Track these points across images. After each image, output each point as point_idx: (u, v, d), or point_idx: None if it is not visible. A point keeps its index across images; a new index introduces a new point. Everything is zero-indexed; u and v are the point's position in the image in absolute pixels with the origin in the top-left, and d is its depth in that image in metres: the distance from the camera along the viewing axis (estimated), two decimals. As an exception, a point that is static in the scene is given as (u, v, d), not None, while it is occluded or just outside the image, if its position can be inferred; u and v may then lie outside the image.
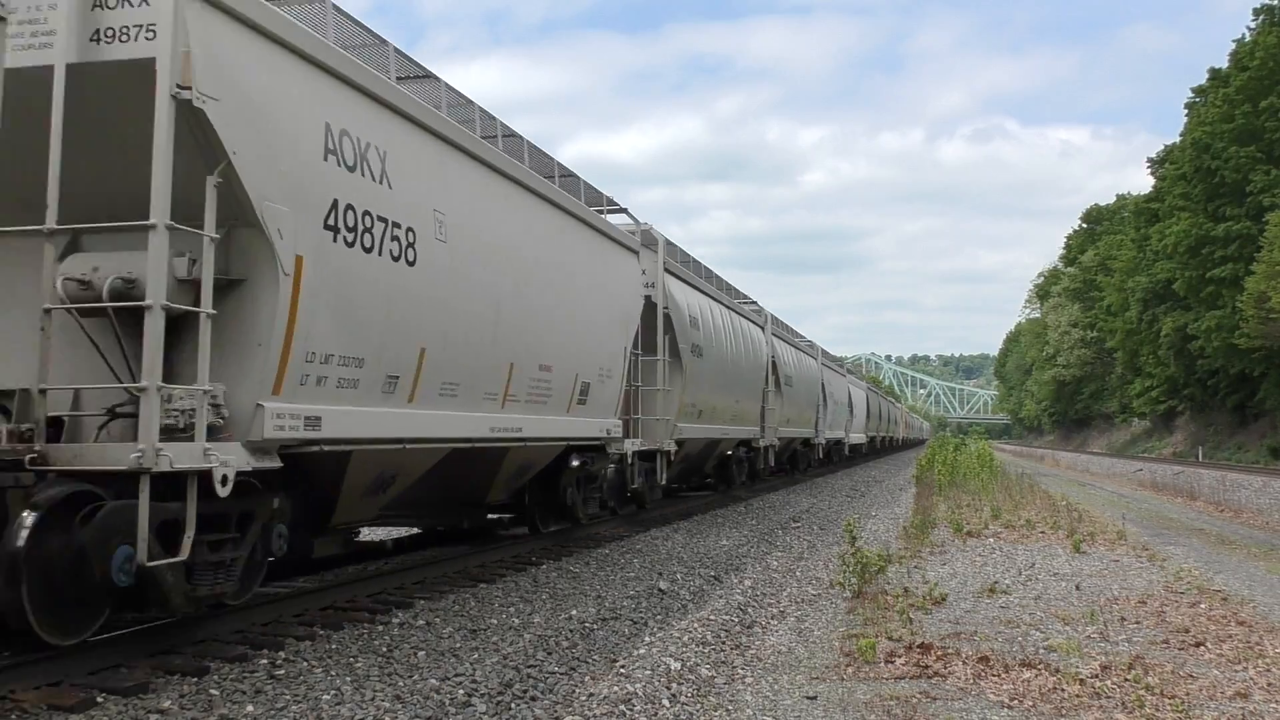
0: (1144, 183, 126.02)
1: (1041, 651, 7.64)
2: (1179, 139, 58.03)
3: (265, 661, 6.54)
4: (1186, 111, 57.15)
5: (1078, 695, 6.42)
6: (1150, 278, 58.90)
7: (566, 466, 12.57)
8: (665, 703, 6.14)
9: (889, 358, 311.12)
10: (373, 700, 5.83)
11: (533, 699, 6.08)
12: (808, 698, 6.44)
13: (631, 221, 14.99)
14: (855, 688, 6.64)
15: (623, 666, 6.89)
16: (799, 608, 9.60)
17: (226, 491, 6.15)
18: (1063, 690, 6.52)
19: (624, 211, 14.69)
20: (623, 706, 5.91)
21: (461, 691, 6.09)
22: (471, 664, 6.74)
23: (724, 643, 7.91)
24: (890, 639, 7.82)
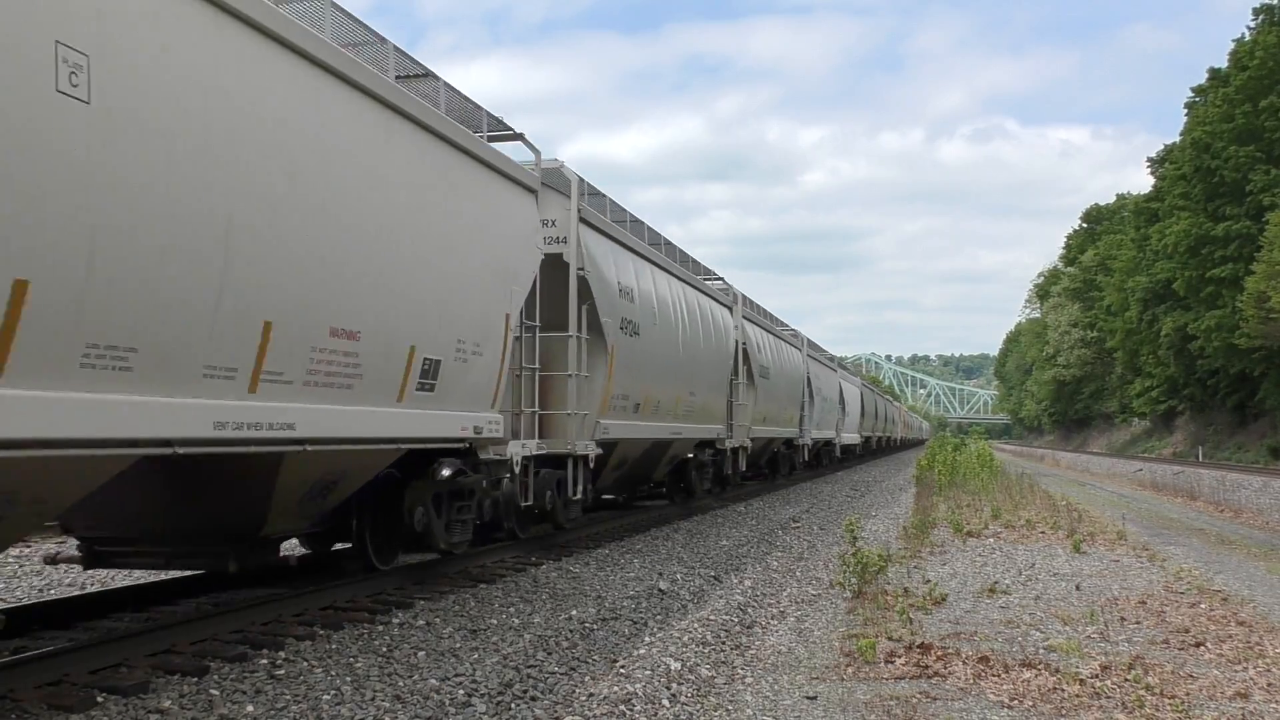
0: (1144, 182, 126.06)
1: (1041, 651, 7.64)
2: (1179, 139, 57.99)
3: (265, 661, 6.54)
4: (1186, 111, 57.11)
5: (1078, 695, 6.42)
6: (1150, 277, 58.87)
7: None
8: (665, 703, 6.14)
9: (889, 358, 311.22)
10: (373, 700, 5.83)
11: (533, 699, 6.08)
12: (808, 698, 6.44)
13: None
14: (855, 688, 6.64)
15: (623, 667, 6.89)
16: (799, 608, 9.60)
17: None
18: (1063, 690, 6.53)
19: (519, 138, 11.01)
20: (623, 707, 5.92)
21: (461, 691, 6.09)
22: (471, 664, 6.74)
23: (724, 643, 7.92)
24: (890, 639, 7.82)
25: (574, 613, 8.61)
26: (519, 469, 10.55)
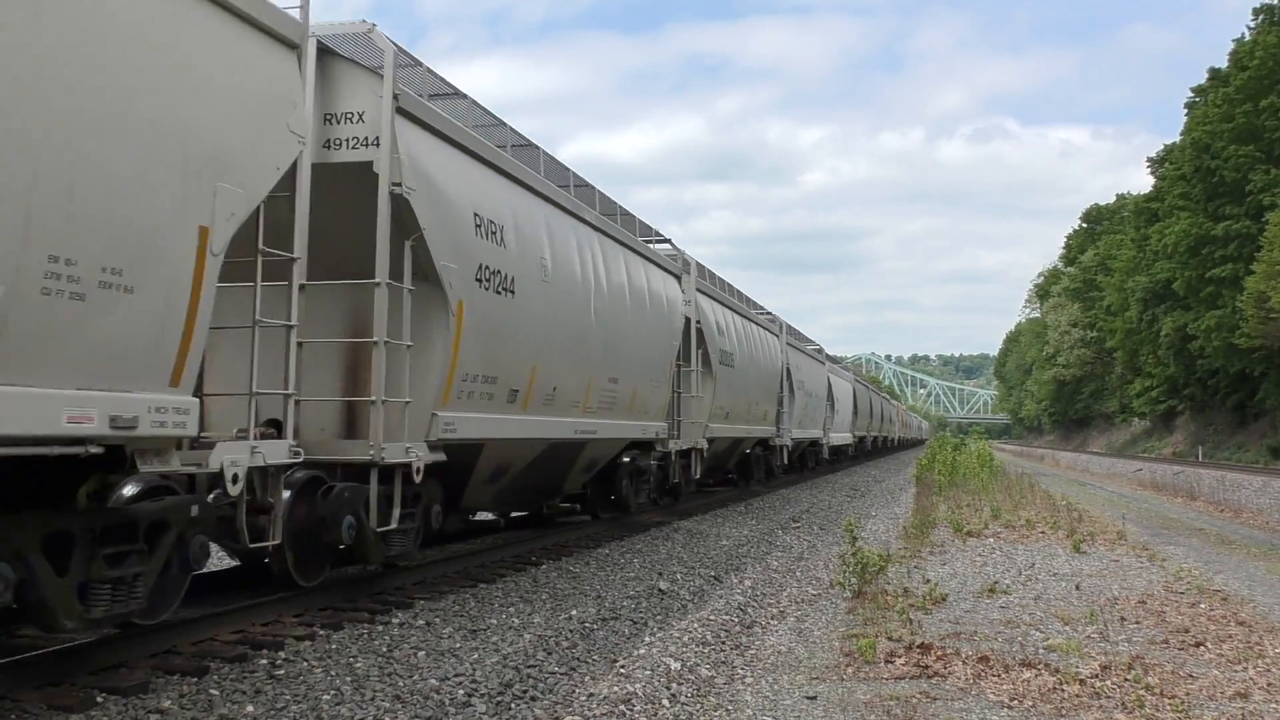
0: (1144, 182, 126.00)
1: (1041, 651, 7.64)
2: (1179, 139, 58.01)
3: (265, 661, 6.54)
4: (1186, 111, 57.12)
5: (1078, 695, 6.42)
6: (1150, 277, 58.86)
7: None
8: (665, 703, 6.14)
9: (889, 357, 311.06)
10: (373, 700, 5.83)
11: (533, 699, 6.08)
12: (808, 698, 6.44)
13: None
14: (855, 688, 6.64)
15: (623, 666, 6.89)
16: (799, 608, 9.60)
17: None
18: (1063, 690, 6.53)
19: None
20: (623, 707, 5.92)
21: (461, 691, 6.09)
22: (471, 664, 6.74)
23: (724, 643, 7.92)
24: (890, 639, 7.82)
25: (574, 612, 8.61)
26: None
